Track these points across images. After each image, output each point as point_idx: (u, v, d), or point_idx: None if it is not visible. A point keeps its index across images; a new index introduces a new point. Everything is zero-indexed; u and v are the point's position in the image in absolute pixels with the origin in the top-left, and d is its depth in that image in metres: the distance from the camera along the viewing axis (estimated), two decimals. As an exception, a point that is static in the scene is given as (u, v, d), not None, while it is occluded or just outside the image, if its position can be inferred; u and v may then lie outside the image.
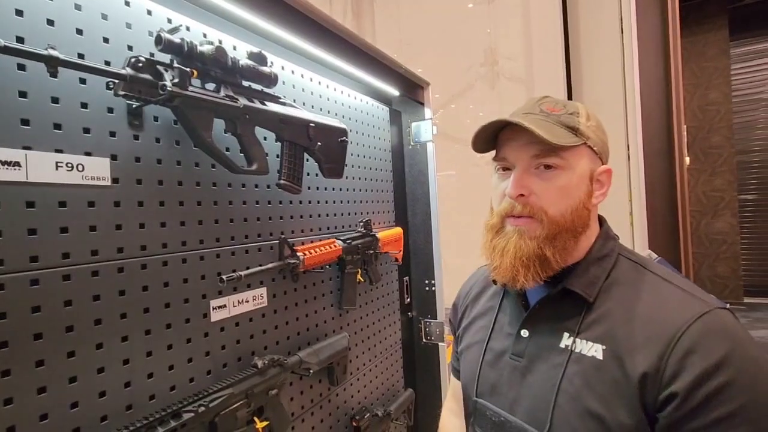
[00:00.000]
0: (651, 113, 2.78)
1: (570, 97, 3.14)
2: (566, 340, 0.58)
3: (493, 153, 0.67)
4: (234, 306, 0.82)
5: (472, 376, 0.70)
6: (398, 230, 1.34)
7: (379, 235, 1.23)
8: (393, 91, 1.38)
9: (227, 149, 0.82)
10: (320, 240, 1.05)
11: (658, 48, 3.02)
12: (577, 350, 0.57)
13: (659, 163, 2.79)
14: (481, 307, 0.77)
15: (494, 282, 0.70)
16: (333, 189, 1.13)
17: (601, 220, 0.66)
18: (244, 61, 0.79)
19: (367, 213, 1.28)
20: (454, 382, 0.86)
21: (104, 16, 0.64)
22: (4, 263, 0.52)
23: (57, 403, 0.56)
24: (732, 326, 0.51)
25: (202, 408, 0.68)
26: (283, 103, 0.89)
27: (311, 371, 0.94)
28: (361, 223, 1.19)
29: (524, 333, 0.63)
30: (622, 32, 2.97)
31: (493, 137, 0.65)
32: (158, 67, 0.65)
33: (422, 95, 1.46)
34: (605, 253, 0.61)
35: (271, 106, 0.85)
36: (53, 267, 0.56)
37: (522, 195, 0.58)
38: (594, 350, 0.55)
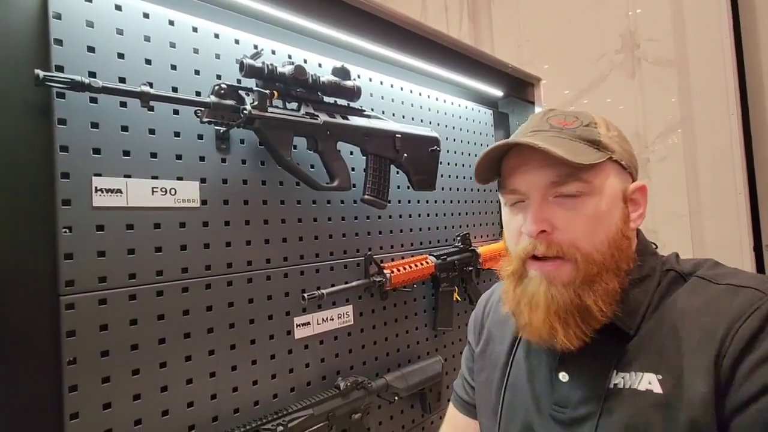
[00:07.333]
0: None
1: (743, 81, 2.53)
2: (615, 378, 0.48)
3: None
4: (318, 324, 0.82)
5: (492, 423, 0.59)
6: (503, 244, 1.21)
7: (480, 249, 1.12)
8: (497, 92, 1.26)
9: (312, 166, 0.82)
10: (412, 256, 0.99)
11: None
12: (627, 386, 0.47)
13: None
14: (503, 337, 0.63)
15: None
16: (427, 201, 1.07)
17: (637, 234, 0.55)
18: (325, 77, 0.78)
19: (467, 226, 1.18)
20: (455, 417, 0.70)
21: (195, 51, 0.69)
22: (107, 280, 0.58)
23: (150, 410, 0.61)
24: None
25: (281, 428, 0.68)
26: (368, 116, 0.86)
27: (397, 397, 0.89)
28: (459, 237, 1.10)
29: (563, 377, 0.52)
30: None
31: (498, 164, 0.55)
32: (240, 92, 0.68)
33: (533, 93, 1.31)
34: (646, 273, 0.51)
35: (354, 120, 0.82)
36: (148, 284, 0.62)
37: (543, 231, 0.49)
38: (647, 382, 0.46)
